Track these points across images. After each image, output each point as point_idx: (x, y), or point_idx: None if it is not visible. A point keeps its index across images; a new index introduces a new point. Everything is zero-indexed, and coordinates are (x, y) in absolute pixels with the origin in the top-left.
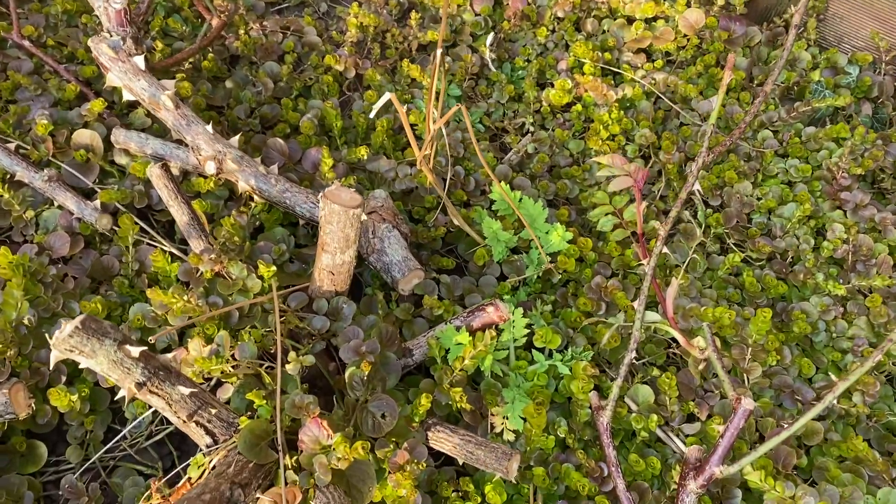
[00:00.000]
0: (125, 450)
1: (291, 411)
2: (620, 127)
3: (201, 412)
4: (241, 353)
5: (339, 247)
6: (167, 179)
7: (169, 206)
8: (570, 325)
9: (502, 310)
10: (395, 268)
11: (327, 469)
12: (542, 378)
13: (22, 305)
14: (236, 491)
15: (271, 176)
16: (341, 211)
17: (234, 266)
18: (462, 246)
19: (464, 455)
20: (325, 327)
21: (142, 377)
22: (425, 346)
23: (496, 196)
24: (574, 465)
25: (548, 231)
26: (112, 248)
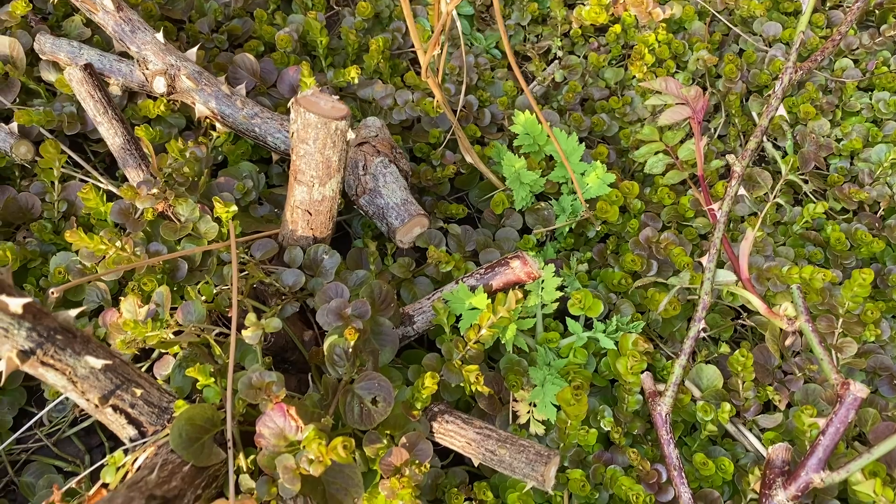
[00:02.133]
0: (41, 440)
1: (247, 393)
2: (670, 51)
3: (121, 393)
4: (185, 316)
5: (318, 176)
6: (92, 87)
7: (96, 122)
8: (612, 288)
9: (531, 265)
10: (391, 213)
11: (295, 475)
12: (579, 354)
13: None
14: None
15: (237, 98)
16: (319, 123)
17: (182, 204)
18: (475, 192)
19: (482, 455)
20: (298, 283)
21: (28, 342)
22: (430, 312)
23: (519, 129)
24: (622, 466)
25: (584, 172)
26: (33, 183)
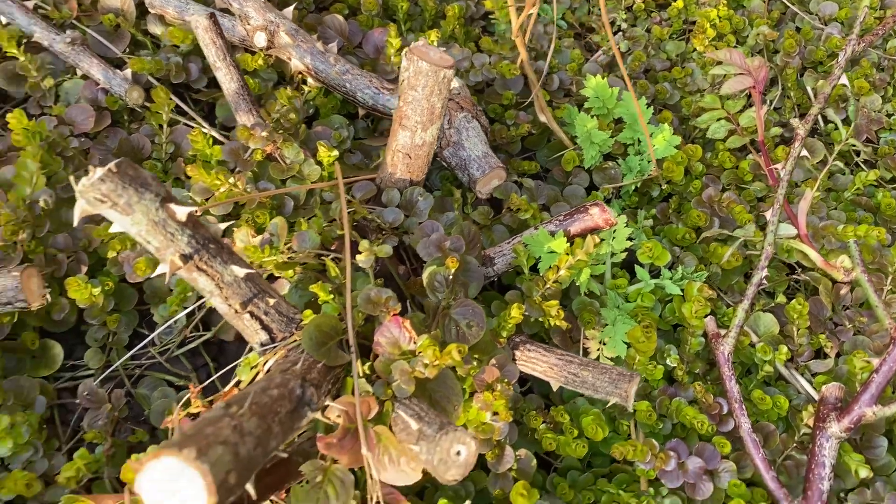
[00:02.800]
0: (153, 357)
1: (365, 307)
2: (731, 26)
3: (257, 301)
4: (300, 243)
5: (422, 121)
6: (215, 34)
7: (215, 68)
8: (675, 242)
9: (609, 212)
10: (473, 165)
11: (410, 378)
12: (646, 299)
13: (37, 180)
14: (308, 389)
15: (330, 55)
16: (430, 71)
17: (288, 148)
18: (543, 151)
19: (564, 377)
20: (397, 220)
21: (189, 248)
22: (509, 255)
23: (590, 92)
24: (686, 399)
25: (651, 134)
26: (143, 126)
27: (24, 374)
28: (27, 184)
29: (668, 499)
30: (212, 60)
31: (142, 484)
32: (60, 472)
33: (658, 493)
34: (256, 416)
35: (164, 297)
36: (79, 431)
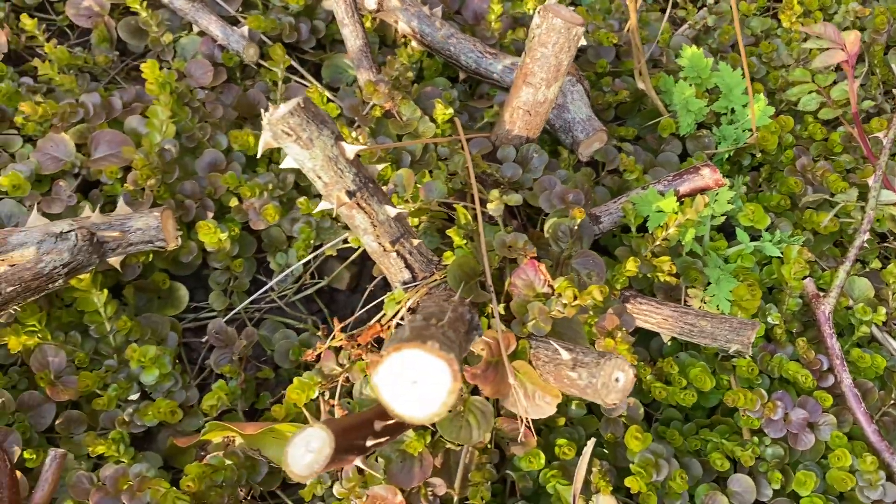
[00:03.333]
0: (272, 302)
1: (501, 251)
2: (818, 2)
3: (403, 241)
4: (427, 193)
5: (547, 78)
6: None
7: (342, 24)
8: (770, 209)
9: (719, 174)
10: (577, 126)
11: (547, 317)
12: (746, 259)
13: (167, 128)
14: (476, 316)
15: (436, 19)
16: (563, 28)
17: (406, 105)
18: (636, 119)
19: (680, 328)
20: (516, 175)
21: (353, 185)
22: (616, 214)
23: (685, 62)
24: (787, 356)
25: (745, 104)
26: (257, 83)
27: (151, 312)
28: (157, 131)
29: (770, 448)
30: (340, 17)
31: (380, 375)
32: (202, 401)
33: (761, 442)
34: (451, 329)
35: (280, 247)
36: (204, 369)
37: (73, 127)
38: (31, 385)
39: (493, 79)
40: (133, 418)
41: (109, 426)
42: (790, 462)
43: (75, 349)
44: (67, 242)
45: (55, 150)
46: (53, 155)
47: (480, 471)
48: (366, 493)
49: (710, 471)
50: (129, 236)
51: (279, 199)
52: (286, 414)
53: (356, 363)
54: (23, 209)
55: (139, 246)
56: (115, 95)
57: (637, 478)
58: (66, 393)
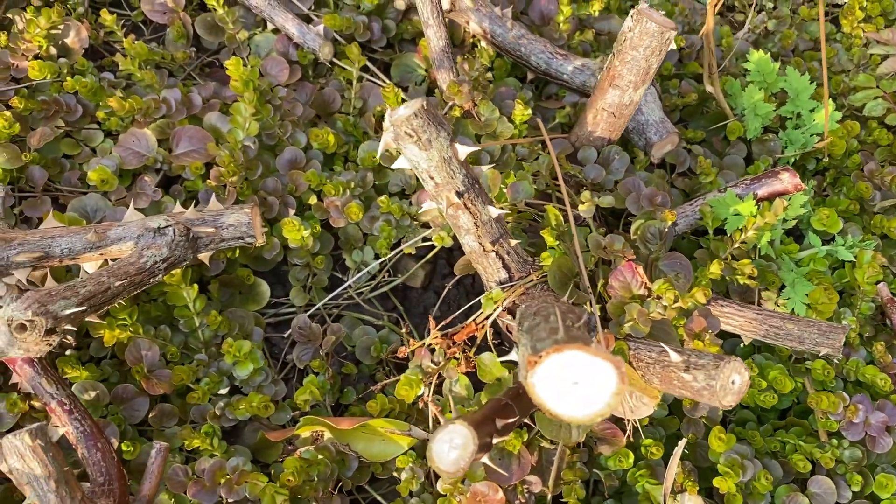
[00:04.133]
0: (349, 298)
1: (596, 252)
2: (881, 7)
3: (502, 242)
4: (514, 193)
5: (635, 81)
6: None
7: (426, 25)
8: (839, 213)
9: (798, 178)
10: (651, 129)
11: (647, 319)
12: (819, 263)
13: (250, 125)
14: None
15: (507, 19)
16: (656, 31)
17: (485, 106)
18: (701, 121)
19: (764, 330)
20: (599, 177)
21: (462, 185)
22: (692, 216)
23: (752, 66)
24: (861, 359)
25: (813, 109)
26: (331, 81)
27: (234, 307)
28: (241, 128)
29: (848, 450)
30: (425, 17)
31: (537, 375)
32: (294, 395)
33: (839, 444)
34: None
35: (356, 244)
36: (287, 364)
37: (154, 122)
38: (123, 378)
39: (562, 79)
40: (224, 412)
41: (199, 420)
42: (867, 465)
43: (166, 343)
44: (165, 238)
45: (137, 146)
46: (135, 150)
47: (572, 469)
48: (468, 489)
49: (790, 472)
50: (222, 232)
51: (359, 197)
52: (380, 409)
53: (450, 361)
54: (108, 203)
55: (230, 242)
56: (193, 91)
57: (725, 478)
58: (160, 386)
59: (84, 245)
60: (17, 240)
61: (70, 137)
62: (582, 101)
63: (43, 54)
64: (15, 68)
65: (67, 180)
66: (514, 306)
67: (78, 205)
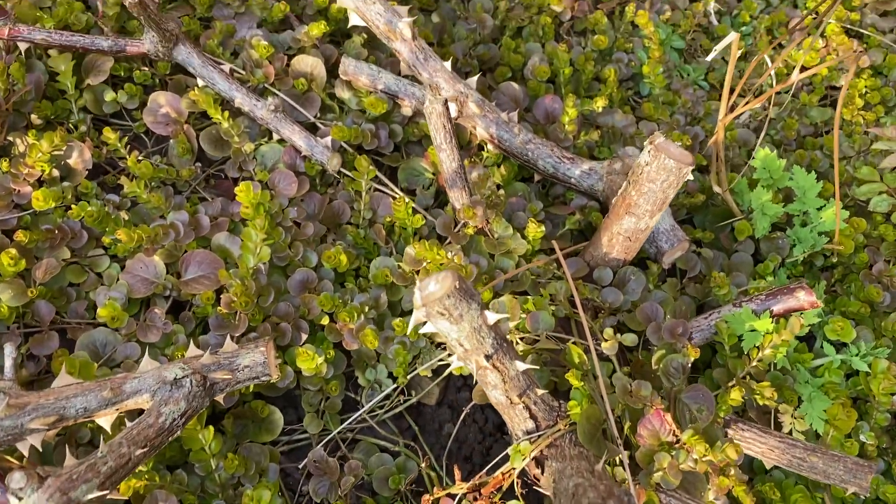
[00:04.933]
0: (363, 420)
1: (623, 398)
2: (880, 96)
3: (529, 392)
4: (533, 324)
5: (651, 210)
6: (446, 119)
7: (440, 149)
8: (849, 316)
9: (814, 296)
10: (662, 237)
11: (678, 471)
12: (834, 374)
13: (261, 250)
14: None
15: (513, 125)
16: (674, 168)
17: (498, 223)
18: (706, 216)
19: (787, 461)
20: (617, 301)
21: (491, 349)
22: (707, 330)
23: (759, 163)
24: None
25: (820, 207)
26: (340, 192)
27: (248, 439)
28: (251, 254)
29: None
30: (438, 142)
31: None
32: None
33: None
34: None
35: (369, 362)
36: (304, 495)
37: (162, 248)
38: None
39: (570, 183)
40: None
41: None
42: None
43: (182, 489)
44: (182, 389)
45: (145, 272)
46: (143, 276)
47: None
48: None
49: None
50: (238, 374)
51: (373, 320)
52: None
53: None
54: (118, 337)
55: (245, 382)
56: (200, 212)
57: None
58: None
59: (99, 403)
60: (31, 404)
61: (76, 264)
62: (591, 205)
63: (46, 178)
64: (17, 193)
65: (74, 311)
66: (542, 456)
67: (87, 340)
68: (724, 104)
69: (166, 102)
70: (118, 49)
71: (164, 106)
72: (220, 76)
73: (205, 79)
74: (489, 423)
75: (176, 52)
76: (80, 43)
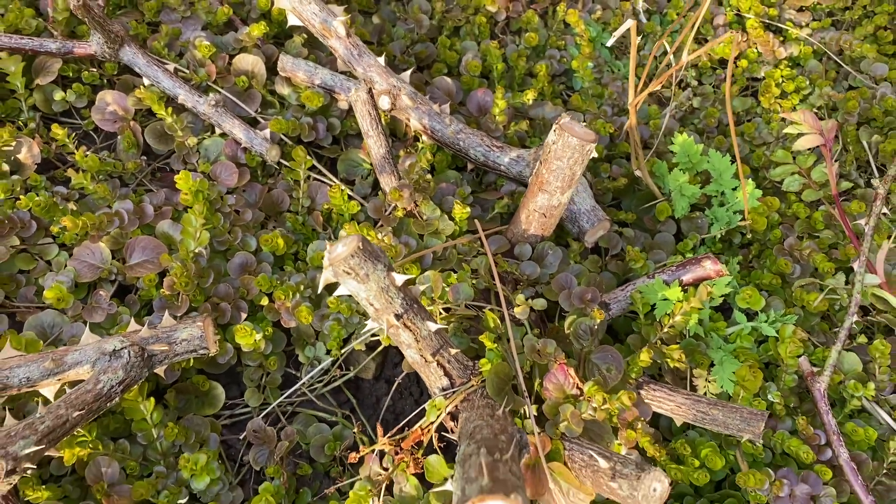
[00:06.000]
0: (302, 395)
1: (531, 356)
2: (794, 85)
3: (443, 352)
4: (455, 295)
5: (561, 186)
6: (371, 106)
7: (367, 135)
8: (762, 287)
9: (720, 266)
10: (583, 217)
11: (580, 420)
12: (745, 340)
13: (201, 235)
14: (523, 435)
15: (445, 116)
16: (577, 145)
17: (426, 206)
18: (633, 201)
19: (693, 415)
20: (535, 273)
21: (401, 308)
22: (624, 301)
23: (677, 148)
24: (786, 430)
25: (735, 188)
26: (279, 181)
27: (190, 413)
28: (192, 238)
29: None
30: (365, 129)
31: None
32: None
33: None
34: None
35: (308, 340)
36: (244, 465)
37: (107, 235)
38: (84, 495)
39: (500, 170)
40: None
41: None
42: None
43: (125, 457)
44: (121, 360)
45: (91, 258)
46: (90, 262)
47: None
48: None
49: None
50: (175, 347)
51: (309, 299)
52: None
53: (399, 466)
54: (65, 318)
55: (184, 355)
56: (145, 201)
57: None
58: (121, 502)
59: (42, 373)
60: None
61: (25, 252)
62: (519, 190)
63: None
64: None
65: (23, 296)
66: (457, 411)
67: (35, 322)
68: (632, 88)
69: (113, 100)
70: (66, 51)
71: (112, 104)
72: (165, 75)
73: (150, 78)
74: (424, 396)
75: (122, 53)
76: (29, 45)
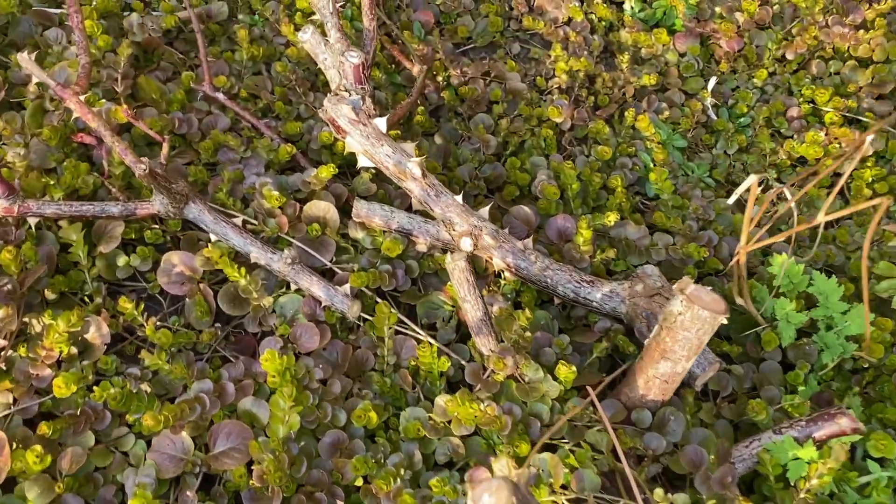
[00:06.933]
0: None
1: None
2: (887, 185)
3: None
4: (579, 483)
5: (687, 355)
6: (469, 273)
7: (464, 301)
8: (888, 424)
9: (857, 422)
10: None
11: None
12: (882, 493)
13: (291, 419)
14: None
15: (529, 252)
16: (709, 318)
17: (527, 367)
18: (729, 326)
19: None
20: (661, 447)
21: None
22: (749, 460)
23: (776, 270)
24: None
25: (845, 311)
26: (361, 338)
27: None
28: (281, 423)
29: None
30: (462, 294)
31: None
32: None
33: None
34: None
35: None
36: None
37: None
38: None
39: (592, 306)
40: None
41: None
42: None
43: None
44: None
45: (172, 449)
46: (171, 454)
47: None
48: None
49: None
50: None
51: (408, 481)
52: None
53: None
54: None
55: None
56: (223, 377)
57: None
58: None
59: None
60: None
61: (99, 444)
62: (615, 328)
63: (64, 357)
64: (36, 378)
65: (102, 498)
66: None
67: None
68: (745, 232)
69: (180, 262)
70: (129, 213)
71: (178, 265)
72: (234, 231)
73: (218, 234)
74: None
75: (187, 210)
76: (91, 211)
